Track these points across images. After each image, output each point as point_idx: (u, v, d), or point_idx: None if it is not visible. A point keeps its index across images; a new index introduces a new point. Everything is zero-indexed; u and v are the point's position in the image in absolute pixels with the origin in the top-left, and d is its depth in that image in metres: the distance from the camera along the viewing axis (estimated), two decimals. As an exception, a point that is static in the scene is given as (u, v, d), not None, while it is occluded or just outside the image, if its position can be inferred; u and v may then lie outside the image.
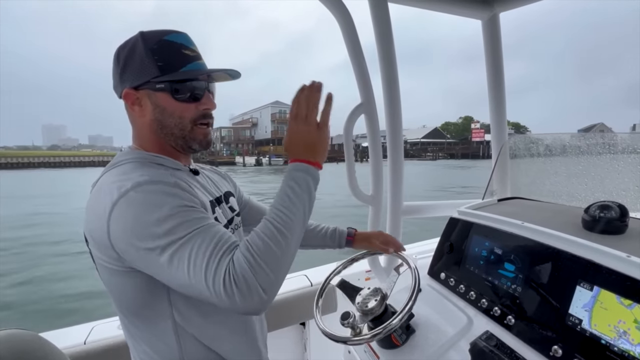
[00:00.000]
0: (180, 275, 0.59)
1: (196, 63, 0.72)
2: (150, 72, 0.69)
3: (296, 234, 0.65)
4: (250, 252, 0.60)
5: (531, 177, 1.37)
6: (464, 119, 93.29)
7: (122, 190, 0.61)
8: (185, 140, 0.75)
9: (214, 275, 0.57)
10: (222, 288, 0.57)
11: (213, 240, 0.60)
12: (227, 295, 0.57)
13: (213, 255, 0.59)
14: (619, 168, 1.01)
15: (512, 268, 0.91)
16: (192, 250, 0.59)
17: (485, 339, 0.84)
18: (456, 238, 1.13)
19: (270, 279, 0.59)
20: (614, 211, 0.84)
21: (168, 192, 0.63)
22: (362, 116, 1.36)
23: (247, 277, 0.58)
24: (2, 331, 0.69)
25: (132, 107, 0.72)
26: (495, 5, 1.43)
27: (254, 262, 0.59)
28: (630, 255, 0.69)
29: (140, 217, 0.60)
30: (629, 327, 0.65)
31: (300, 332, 1.69)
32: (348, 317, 0.87)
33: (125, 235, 0.60)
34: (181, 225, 0.60)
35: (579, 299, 0.73)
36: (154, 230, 0.59)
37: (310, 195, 0.68)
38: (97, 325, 1.31)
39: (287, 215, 0.64)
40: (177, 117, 0.73)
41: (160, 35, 0.70)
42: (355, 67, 1.30)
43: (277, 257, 0.61)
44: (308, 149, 0.70)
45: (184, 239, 0.59)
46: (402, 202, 1.49)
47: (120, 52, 0.71)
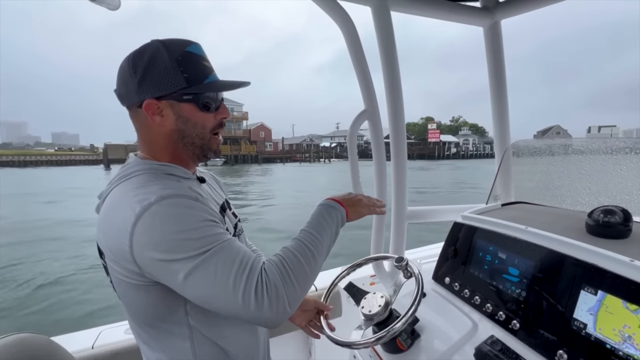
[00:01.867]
0: (204, 287, 0.61)
1: (213, 75, 0.75)
2: (177, 83, 0.70)
3: (322, 257, 0.72)
4: (284, 265, 0.65)
5: (535, 182, 1.38)
6: (426, 119, 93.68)
7: (145, 204, 0.61)
8: (202, 149, 0.77)
9: (244, 285, 0.60)
10: (252, 297, 0.60)
11: (239, 254, 0.64)
12: (256, 303, 0.60)
13: (242, 268, 0.62)
14: (622, 172, 1.01)
15: (516, 273, 0.91)
16: (219, 263, 0.61)
17: (490, 344, 0.84)
18: (460, 243, 1.13)
19: (297, 294, 0.65)
20: (617, 216, 0.84)
21: (191, 206, 0.65)
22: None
23: (278, 288, 0.62)
24: (15, 335, 0.71)
25: (153, 117, 0.72)
26: (496, 13, 1.45)
27: (287, 275, 0.64)
28: (634, 260, 0.69)
29: (166, 230, 0.60)
30: (634, 332, 0.65)
31: (305, 337, 1.69)
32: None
33: (149, 248, 0.60)
34: (205, 239, 0.62)
35: (584, 303, 0.74)
36: (180, 244, 0.60)
37: (336, 230, 0.78)
38: (105, 329, 1.33)
39: (317, 238, 0.72)
40: (200, 127, 0.75)
41: (182, 46, 0.71)
42: (358, 75, 1.32)
43: (306, 274, 0.67)
44: (350, 201, 0.84)
45: (209, 253, 0.61)
46: (406, 207, 1.50)
47: (136, 60, 0.70)
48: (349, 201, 0.84)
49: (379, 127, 1.41)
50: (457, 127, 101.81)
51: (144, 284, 0.66)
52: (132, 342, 1.22)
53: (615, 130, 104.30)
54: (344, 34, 1.29)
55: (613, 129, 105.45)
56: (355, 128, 1.35)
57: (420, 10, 1.37)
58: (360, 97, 1.37)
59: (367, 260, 1.15)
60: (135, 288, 0.67)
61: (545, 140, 1.43)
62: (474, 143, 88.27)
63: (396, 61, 1.35)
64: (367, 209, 0.88)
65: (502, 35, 1.50)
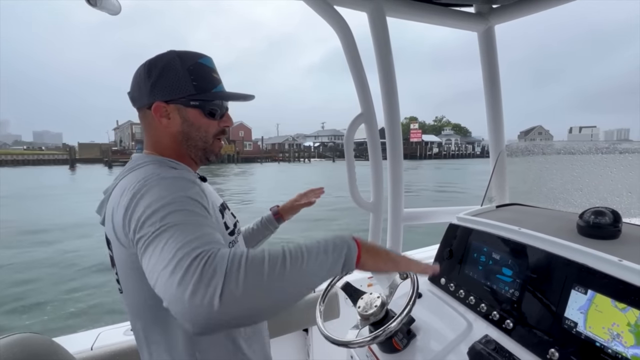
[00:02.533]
0: (150, 261, 0.53)
1: (221, 86, 0.82)
2: (186, 89, 0.77)
3: (295, 278, 0.55)
4: (242, 258, 0.52)
5: (528, 184, 1.40)
6: (410, 119, 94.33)
7: (145, 182, 0.65)
8: (205, 152, 0.84)
9: (182, 256, 0.50)
10: (183, 269, 0.49)
11: (199, 232, 0.55)
12: (181, 280, 0.48)
13: (193, 242, 0.52)
14: (612, 175, 1.04)
15: (509, 273, 0.93)
16: (173, 236, 0.53)
17: (484, 343, 0.86)
18: (455, 244, 1.15)
19: (236, 292, 0.48)
20: (607, 217, 0.86)
21: (184, 187, 0.65)
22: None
23: (216, 272, 0.48)
24: (17, 335, 0.72)
25: (160, 119, 0.78)
26: (490, 18, 1.48)
27: (237, 265, 0.51)
28: (622, 260, 0.71)
29: (151, 201, 0.60)
30: (622, 330, 0.67)
31: (303, 338, 1.70)
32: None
33: (135, 218, 0.60)
34: (182, 211, 0.58)
35: (575, 302, 0.76)
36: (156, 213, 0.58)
37: (333, 266, 0.61)
38: (104, 331, 1.33)
39: (303, 257, 0.57)
40: (204, 132, 0.81)
41: (195, 57, 0.79)
42: (355, 79, 1.35)
43: (260, 280, 0.51)
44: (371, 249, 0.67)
45: (175, 223, 0.56)
46: (403, 209, 1.52)
47: (152, 66, 0.77)
48: (372, 248, 0.67)
49: (376, 130, 1.43)
50: (440, 127, 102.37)
51: (141, 268, 0.63)
52: (131, 344, 1.23)
53: (595, 131, 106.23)
54: (341, 39, 1.31)
55: (593, 129, 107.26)
56: (352, 131, 1.38)
57: (415, 15, 1.40)
58: (350, 97, 1.40)
59: None
60: (135, 274, 0.67)
61: (538, 143, 1.45)
62: (456, 143, 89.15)
63: (392, 65, 1.38)
64: (394, 265, 0.70)
65: (495, 40, 1.53)
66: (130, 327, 1.33)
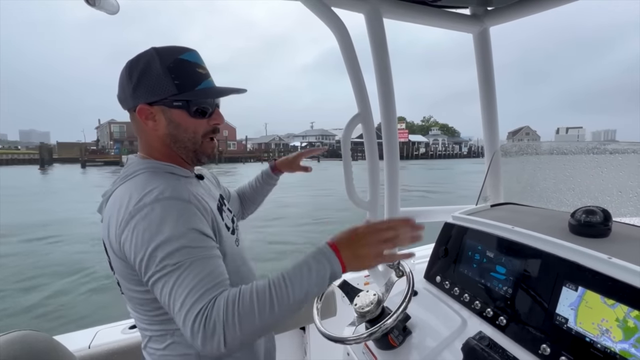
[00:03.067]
0: (164, 297, 0.62)
1: (207, 81, 0.77)
2: (167, 90, 0.73)
3: (284, 311, 0.63)
4: (234, 306, 0.60)
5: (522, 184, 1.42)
6: (399, 119, 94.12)
7: (138, 205, 0.65)
8: (195, 154, 0.80)
9: (188, 309, 0.59)
10: (190, 323, 0.59)
11: (202, 273, 0.62)
12: (191, 332, 0.58)
13: (196, 290, 0.60)
14: (603, 175, 1.06)
15: (503, 271, 0.95)
16: (180, 278, 0.61)
17: (478, 339, 0.88)
18: (451, 242, 1.17)
19: (236, 338, 0.59)
20: (598, 216, 0.88)
21: (182, 212, 0.67)
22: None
23: (216, 326, 0.58)
24: (17, 332, 0.72)
25: (146, 122, 0.75)
26: (485, 20, 1.50)
27: (232, 317, 0.59)
28: (612, 257, 0.73)
29: (151, 234, 0.63)
30: (611, 325, 0.69)
31: (300, 336, 1.71)
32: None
33: (134, 249, 0.64)
34: (182, 250, 0.63)
35: (566, 299, 0.77)
36: (156, 250, 0.63)
37: (320, 287, 0.66)
38: (101, 329, 1.33)
39: (287, 291, 0.62)
40: (191, 132, 0.77)
41: (175, 53, 0.74)
42: (352, 80, 1.36)
43: (254, 324, 0.60)
44: (353, 255, 0.68)
45: (178, 264, 0.62)
46: (399, 207, 1.53)
47: (133, 68, 0.73)
48: (352, 248, 0.68)
49: (372, 130, 1.44)
50: (428, 127, 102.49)
51: (139, 278, 0.68)
52: (128, 342, 1.24)
53: (581, 132, 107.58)
54: (338, 40, 1.32)
55: (580, 130, 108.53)
56: (349, 131, 1.39)
57: (412, 17, 1.41)
58: (343, 97, 1.42)
59: None
60: (137, 283, 0.70)
61: (532, 143, 1.48)
62: (443, 143, 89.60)
63: (389, 65, 1.39)
64: (377, 260, 0.70)
65: (490, 42, 1.55)
66: (127, 326, 1.34)
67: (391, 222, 0.73)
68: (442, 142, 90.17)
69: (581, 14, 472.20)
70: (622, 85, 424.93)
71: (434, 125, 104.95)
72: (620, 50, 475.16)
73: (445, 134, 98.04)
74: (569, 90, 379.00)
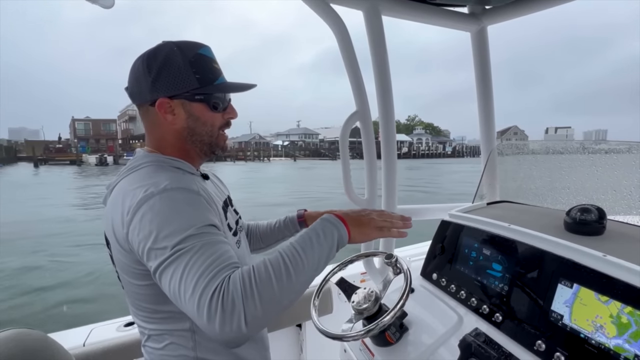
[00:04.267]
0: (173, 284, 0.59)
1: (223, 77, 0.79)
2: (190, 83, 0.73)
3: (301, 277, 0.63)
4: (251, 278, 0.58)
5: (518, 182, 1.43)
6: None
7: (147, 193, 0.64)
8: (210, 146, 0.82)
9: (202, 290, 0.56)
10: (206, 304, 0.55)
11: (213, 256, 0.60)
12: (208, 314, 0.54)
13: (208, 271, 0.58)
14: (598, 173, 1.07)
15: (499, 268, 0.96)
16: (191, 261, 0.59)
17: (475, 336, 0.88)
18: (447, 240, 1.17)
19: (257, 313, 0.57)
20: (593, 214, 0.89)
21: (191, 201, 0.66)
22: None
23: (235, 302, 0.55)
24: (12, 330, 0.71)
25: (165, 115, 0.75)
26: (483, 19, 1.50)
27: (250, 289, 0.57)
28: (606, 255, 0.74)
29: (159, 220, 0.63)
30: (605, 322, 0.70)
31: (296, 333, 1.72)
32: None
33: (140, 235, 0.63)
34: (191, 237, 0.61)
35: (561, 296, 0.78)
36: (165, 236, 0.62)
37: (330, 251, 0.69)
38: (96, 327, 1.33)
39: (301, 257, 0.63)
40: (210, 126, 0.79)
41: (194, 48, 0.75)
42: (350, 77, 1.36)
43: (273, 295, 0.59)
44: (356, 221, 0.75)
45: (185, 249, 0.60)
46: (396, 205, 1.54)
47: (151, 61, 0.73)
48: (356, 220, 0.75)
49: (370, 128, 1.44)
50: (412, 127, 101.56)
51: (145, 273, 0.68)
52: (124, 340, 1.23)
53: (570, 132, 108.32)
54: (337, 37, 1.32)
55: (568, 130, 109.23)
56: (347, 129, 1.39)
57: (410, 15, 1.41)
58: (338, 97, 1.41)
59: (358, 257, 1.18)
60: (137, 277, 0.70)
61: (529, 142, 1.49)
62: (427, 142, 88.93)
63: (387, 63, 1.39)
64: (378, 232, 0.78)
65: (488, 41, 1.56)
66: (123, 324, 1.33)
67: (393, 214, 0.84)
68: (426, 141, 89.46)
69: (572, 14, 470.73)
70: (611, 86, 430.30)
71: (419, 124, 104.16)
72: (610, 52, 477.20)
73: (430, 133, 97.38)
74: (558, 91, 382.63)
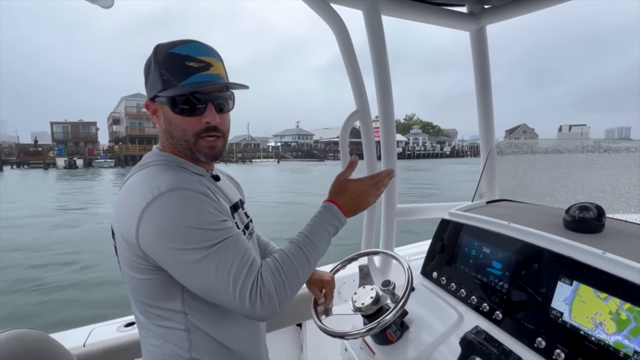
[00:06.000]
0: (205, 279, 0.65)
1: (199, 75, 0.70)
2: (158, 85, 0.72)
3: (315, 262, 0.77)
4: (280, 271, 0.69)
5: (517, 181, 1.44)
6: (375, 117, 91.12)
7: (155, 193, 0.65)
8: (191, 152, 0.76)
9: (241, 286, 0.65)
10: (247, 297, 0.65)
11: (241, 252, 0.68)
12: (250, 305, 0.65)
13: (241, 267, 0.66)
14: (597, 172, 1.08)
15: (499, 266, 0.96)
16: (222, 258, 0.65)
17: (475, 333, 0.89)
18: (447, 239, 1.18)
19: (287, 297, 0.70)
20: (592, 212, 0.90)
21: (199, 200, 0.68)
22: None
23: (271, 293, 0.67)
24: (13, 330, 0.71)
25: (153, 117, 0.78)
26: (482, 18, 1.51)
27: (281, 281, 0.69)
28: (606, 252, 0.75)
29: (175, 219, 0.64)
30: (605, 319, 0.70)
31: (297, 333, 1.72)
32: (388, 284, 0.96)
33: (156, 235, 0.64)
34: (212, 232, 0.66)
35: (560, 294, 0.79)
36: (187, 235, 0.64)
37: (330, 237, 0.81)
38: (96, 327, 1.32)
39: (315, 245, 0.76)
40: (181, 130, 0.73)
41: (168, 47, 0.71)
42: (350, 76, 1.36)
43: (299, 279, 0.72)
44: (355, 206, 0.85)
45: (214, 247, 0.65)
46: (396, 204, 1.55)
47: (145, 64, 0.76)
48: (353, 208, 0.84)
49: (370, 127, 1.44)
50: (409, 126, 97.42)
51: (147, 268, 0.69)
52: (124, 340, 1.23)
53: (585, 129, 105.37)
54: (337, 36, 1.32)
55: (583, 127, 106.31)
56: (347, 128, 1.39)
57: (409, 14, 1.42)
58: (350, 97, 1.41)
59: (359, 255, 1.18)
60: (137, 270, 0.70)
61: (528, 141, 1.50)
62: (424, 142, 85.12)
63: (387, 63, 1.39)
64: (371, 198, 0.87)
65: (487, 40, 1.56)
66: (123, 324, 1.33)
67: (375, 177, 0.89)
68: (423, 140, 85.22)
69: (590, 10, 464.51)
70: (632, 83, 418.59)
71: (416, 123, 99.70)
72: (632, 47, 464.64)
73: (427, 133, 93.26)
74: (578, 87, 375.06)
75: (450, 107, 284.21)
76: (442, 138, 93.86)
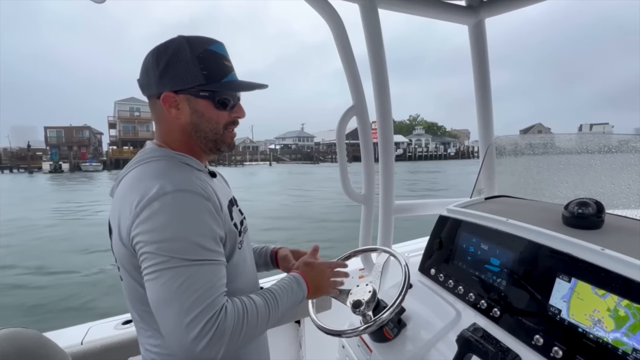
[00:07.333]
0: (164, 290, 0.61)
1: (233, 74, 0.78)
2: (196, 79, 0.72)
3: (271, 325, 0.75)
4: (243, 319, 0.66)
5: (516, 176, 1.43)
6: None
7: (160, 192, 0.65)
8: (215, 143, 0.80)
9: (196, 315, 0.60)
10: (199, 327, 0.59)
11: (212, 282, 0.64)
12: (196, 336, 0.59)
13: (205, 297, 0.62)
14: (596, 167, 1.07)
15: (497, 263, 0.95)
16: (192, 278, 0.62)
17: (472, 331, 0.88)
18: (445, 235, 1.17)
19: (234, 346, 0.65)
20: (591, 208, 0.89)
21: (201, 209, 0.67)
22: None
23: (225, 334, 0.62)
24: (5, 329, 0.70)
25: (169, 110, 0.75)
26: (480, 11, 1.49)
27: (240, 326, 0.65)
28: (605, 249, 0.74)
29: (171, 222, 0.63)
30: (603, 316, 0.69)
31: (295, 330, 1.72)
32: (360, 305, 0.93)
33: (144, 232, 0.64)
34: (198, 249, 0.64)
35: (558, 291, 0.78)
36: (176, 239, 0.63)
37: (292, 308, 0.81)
38: (94, 325, 1.32)
39: (278, 309, 0.75)
40: (214, 123, 0.78)
41: (205, 43, 0.74)
42: (347, 71, 1.34)
43: (253, 334, 0.69)
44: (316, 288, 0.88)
45: (192, 263, 0.63)
46: (393, 201, 1.53)
47: (161, 54, 0.73)
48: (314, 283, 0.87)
49: (367, 123, 1.43)
50: (413, 126, 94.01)
51: (138, 266, 0.67)
52: (121, 338, 1.23)
53: (607, 128, 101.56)
54: (332, 30, 1.30)
55: (605, 126, 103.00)
56: (344, 123, 1.38)
57: (406, 7, 1.39)
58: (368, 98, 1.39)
59: (356, 253, 1.18)
60: (132, 268, 0.70)
61: (526, 136, 1.48)
62: (427, 143, 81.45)
63: (384, 58, 1.38)
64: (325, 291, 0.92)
65: (486, 34, 1.54)
66: (121, 321, 1.33)
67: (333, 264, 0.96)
68: (425, 142, 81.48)
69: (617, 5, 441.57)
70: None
71: (420, 124, 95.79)
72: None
73: (432, 133, 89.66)
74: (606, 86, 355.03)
75: (467, 107, 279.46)
76: (447, 139, 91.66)
